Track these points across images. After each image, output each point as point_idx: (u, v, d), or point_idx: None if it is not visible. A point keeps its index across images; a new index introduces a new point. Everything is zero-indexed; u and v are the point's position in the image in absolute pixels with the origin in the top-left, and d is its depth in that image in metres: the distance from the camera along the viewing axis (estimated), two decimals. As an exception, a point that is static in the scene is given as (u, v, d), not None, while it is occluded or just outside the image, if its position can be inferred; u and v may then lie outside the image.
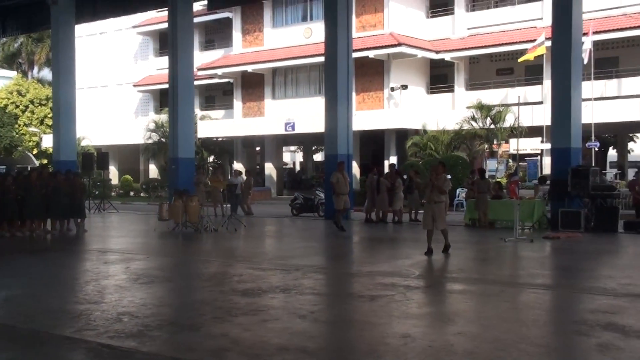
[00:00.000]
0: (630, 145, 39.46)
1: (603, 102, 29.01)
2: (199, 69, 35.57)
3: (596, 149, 31.95)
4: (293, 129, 33.41)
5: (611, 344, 5.45)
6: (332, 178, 16.35)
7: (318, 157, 44.88)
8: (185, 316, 6.84)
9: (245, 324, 6.30)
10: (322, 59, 21.40)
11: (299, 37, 34.91)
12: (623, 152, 37.64)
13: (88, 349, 5.55)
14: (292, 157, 54.44)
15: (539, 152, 34.31)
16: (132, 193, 37.89)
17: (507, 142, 34.06)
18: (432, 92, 34.58)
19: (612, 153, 40.33)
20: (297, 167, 51.66)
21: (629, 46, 30.31)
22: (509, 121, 29.91)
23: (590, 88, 26.94)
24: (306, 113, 32.52)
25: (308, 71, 34.98)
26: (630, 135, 38.05)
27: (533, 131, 30.78)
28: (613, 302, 7.25)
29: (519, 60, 29.72)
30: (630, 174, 28.80)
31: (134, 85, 42.73)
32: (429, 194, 11.18)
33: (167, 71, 22.13)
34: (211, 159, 39.74)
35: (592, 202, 15.60)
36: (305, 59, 33.22)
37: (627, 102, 29.00)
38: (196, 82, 29.80)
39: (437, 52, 32.85)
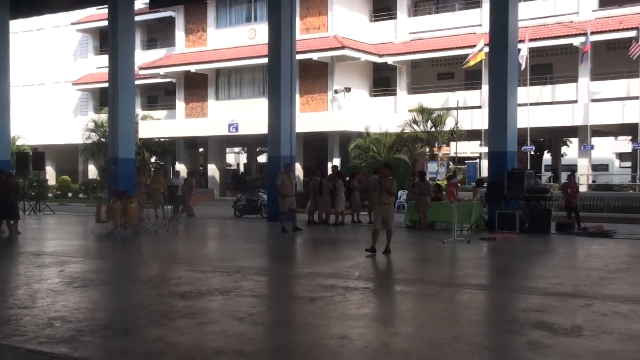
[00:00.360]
0: (564, 149, 40.95)
1: (538, 107, 30.01)
2: (141, 68, 34.96)
3: (531, 153, 32.99)
4: (237, 130, 33.24)
5: (540, 342, 5.63)
6: (277, 180, 16.31)
7: (262, 158, 44.76)
8: (120, 320, 6.71)
9: (182, 328, 6.23)
10: (266, 60, 21.37)
11: (243, 38, 34.75)
12: (557, 155, 39.01)
13: (15, 356, 5.38)
14: (236, 158, 54.11)
15: (478, 155, 35.17)
16: (70, 194, 36.89)
17: (447, 145, 34.78)
18: (375, 95, 35.00)
19: (546, 157, 41.74)
20: (241, 169, 51.38)
21: (562, 53, 31.44)
22: (449, 125, 30.57)
23: (526, 93, 27.82)
24: (250, 114, 32.39)
25: (252, 72, 34.85)
26: (564, 139, 39.47)
27: (472, 135, 31.53)
28: (543, 301, 7.49)
29: (464, 67, 30.38)
30: (564, 177, 29.84)
31: (73, 84, 41.65)
32: (378, 196, 11.41)
33: (107, 70, 21.67)
34: (153, 159, 39.08)
35: (527, 204, 16.09)
36: (249, 60, 33.11)
37: (560, 107, 30.09)
38: (138, 82, 29.27)
39: (380, 55, 33.28)
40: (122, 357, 5.33)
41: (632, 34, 27.16)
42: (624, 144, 43.07)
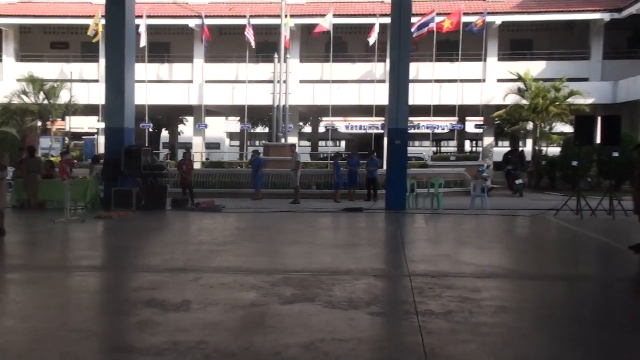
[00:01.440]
0: (181, 127, 42.55)
1: (157, 85, 30.47)
2: None
3: (150, 130, 33.38)
4: None
5: (150, 320, 5.65)
6: None
7: None
8: None
9: None
10: None
11: None
12: (174, 133, 40.33)
13: None
14: None
15: (96, 130, 34.16)
16: None
17: (62, 119, 32.89)
18: (-25, 59, 31.03)
19: (164, 134, 42.81)
20: None
21: (179, 33, 32.43)
22: (64, 97, 28.98)
23: (144, 70, 27.93)
24: None
25: None
26: (181, 117, 41.00)
27: (90, 109, 30.48)
28: (156, 277, 7.56)
29: (93, 40, 28.70)
30: (180, 154, 30.98)
31: None
32: None
33: None
34: None
35: (144, 181, 16.20)
36: None
37: (178, 86, 31.11)
38: None
39: (-18, 14, 29.56)
40: None
41: (243, 21, 29.41)
42: (234, 124, 46.83)
